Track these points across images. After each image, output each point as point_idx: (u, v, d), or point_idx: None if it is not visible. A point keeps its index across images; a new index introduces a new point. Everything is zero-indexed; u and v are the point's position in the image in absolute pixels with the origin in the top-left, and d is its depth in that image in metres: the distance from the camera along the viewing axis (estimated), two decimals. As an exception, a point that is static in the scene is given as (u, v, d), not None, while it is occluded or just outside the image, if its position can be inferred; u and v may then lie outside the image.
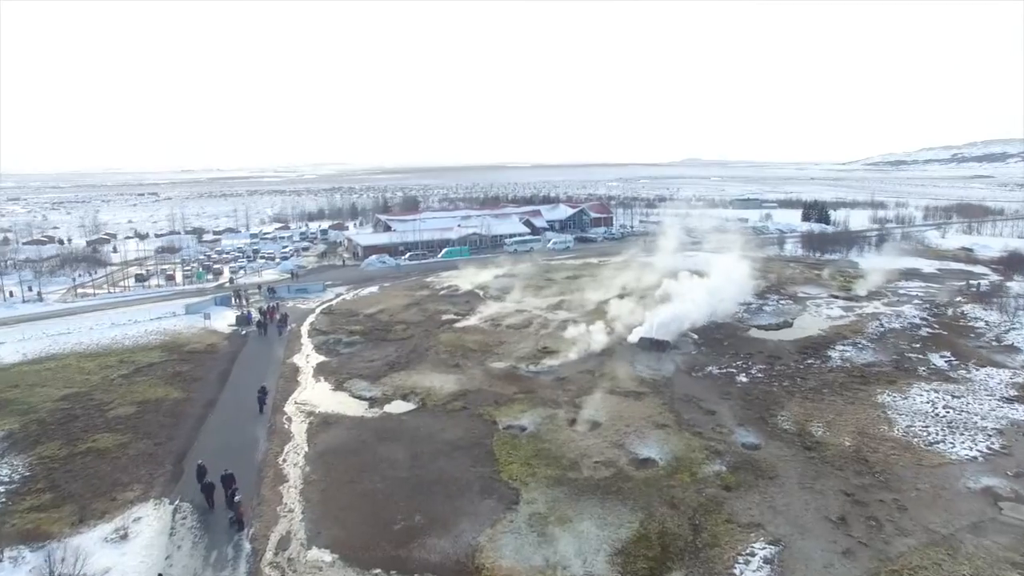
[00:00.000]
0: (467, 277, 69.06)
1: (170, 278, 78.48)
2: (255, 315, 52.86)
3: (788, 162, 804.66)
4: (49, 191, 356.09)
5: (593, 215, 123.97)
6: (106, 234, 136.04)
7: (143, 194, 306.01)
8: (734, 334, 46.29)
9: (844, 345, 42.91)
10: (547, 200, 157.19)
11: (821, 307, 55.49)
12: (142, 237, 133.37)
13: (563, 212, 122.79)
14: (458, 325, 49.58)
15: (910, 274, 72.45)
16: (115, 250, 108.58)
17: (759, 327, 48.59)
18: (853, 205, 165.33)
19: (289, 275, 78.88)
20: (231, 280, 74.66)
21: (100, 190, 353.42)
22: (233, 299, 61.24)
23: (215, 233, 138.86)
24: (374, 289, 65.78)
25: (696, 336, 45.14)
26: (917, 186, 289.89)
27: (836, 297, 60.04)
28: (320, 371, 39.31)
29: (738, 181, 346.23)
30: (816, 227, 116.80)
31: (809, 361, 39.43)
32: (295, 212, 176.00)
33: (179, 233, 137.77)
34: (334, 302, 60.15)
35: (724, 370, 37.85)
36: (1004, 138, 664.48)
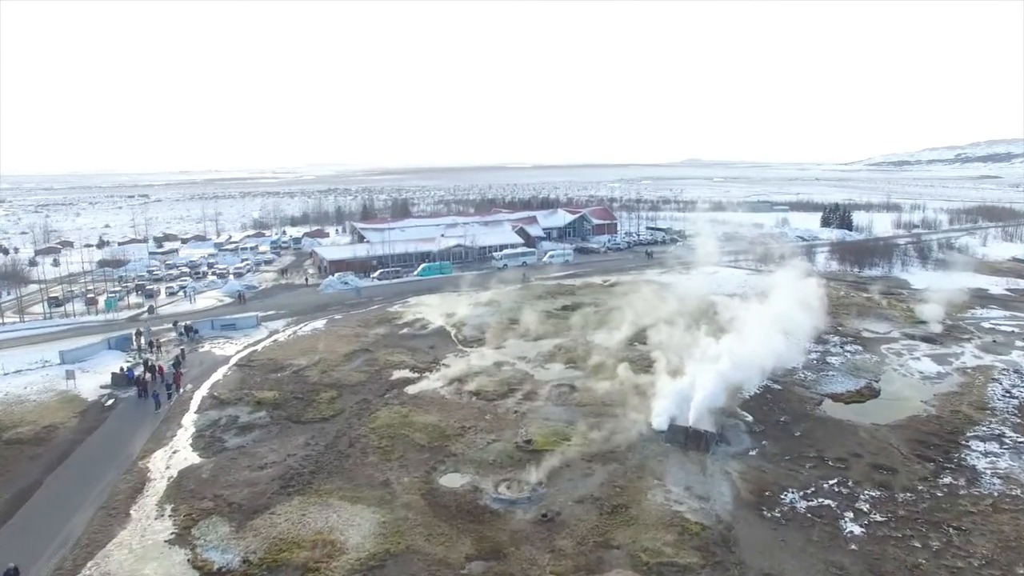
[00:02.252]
0: (440, 306, 55.10)
1: (92, 302, 64.37)
2: (143, 370, 38.95)
3: (790, 162, 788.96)
4: (41, 193, 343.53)
5: (595, 221, 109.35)
6: (59, 242, 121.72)
7: (133, 196, 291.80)
8: (803, 411, 32.01)
9: (979, 438, 28.46)
10: (545, 204, 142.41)
11: (903, 356, 41.55)
12: (101, 245, 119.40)
13: (561, 218, 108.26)
14: (411, 390, 35.40)
15: (980, 297, 59.43)
16: (55, 263, 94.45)
17: (834, 397, 34.26)
18: (868, 208, 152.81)
19: (236, 298, 64.81)
20: (150, 309, 60.20)
21: (92, 192, 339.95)
22: (133, 340, 47.34)
23: (182, 240, 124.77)
24: (320, 324, 51.58)
25: (749, 417, 30.93)
26: (925, 187, 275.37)
27: (911, 337, 46.22)
28: (174, 491, 25.02)
29: (741, 182, 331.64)
30: (841, 234, 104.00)
31: (944, 480, 24.70)
32: (277, 216, 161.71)
33: (146, 240, 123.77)
34: (261, 345, 45.98)
35: (814, 501, 23.23)
36: (1008, 138, 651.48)
